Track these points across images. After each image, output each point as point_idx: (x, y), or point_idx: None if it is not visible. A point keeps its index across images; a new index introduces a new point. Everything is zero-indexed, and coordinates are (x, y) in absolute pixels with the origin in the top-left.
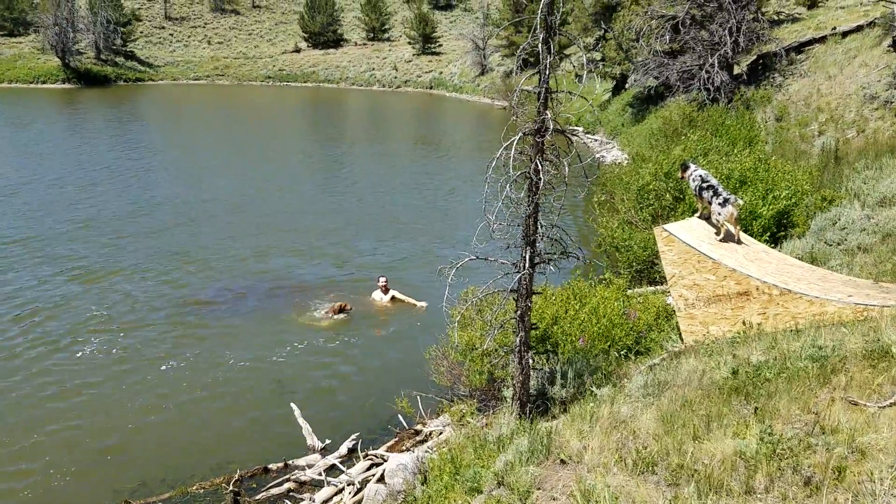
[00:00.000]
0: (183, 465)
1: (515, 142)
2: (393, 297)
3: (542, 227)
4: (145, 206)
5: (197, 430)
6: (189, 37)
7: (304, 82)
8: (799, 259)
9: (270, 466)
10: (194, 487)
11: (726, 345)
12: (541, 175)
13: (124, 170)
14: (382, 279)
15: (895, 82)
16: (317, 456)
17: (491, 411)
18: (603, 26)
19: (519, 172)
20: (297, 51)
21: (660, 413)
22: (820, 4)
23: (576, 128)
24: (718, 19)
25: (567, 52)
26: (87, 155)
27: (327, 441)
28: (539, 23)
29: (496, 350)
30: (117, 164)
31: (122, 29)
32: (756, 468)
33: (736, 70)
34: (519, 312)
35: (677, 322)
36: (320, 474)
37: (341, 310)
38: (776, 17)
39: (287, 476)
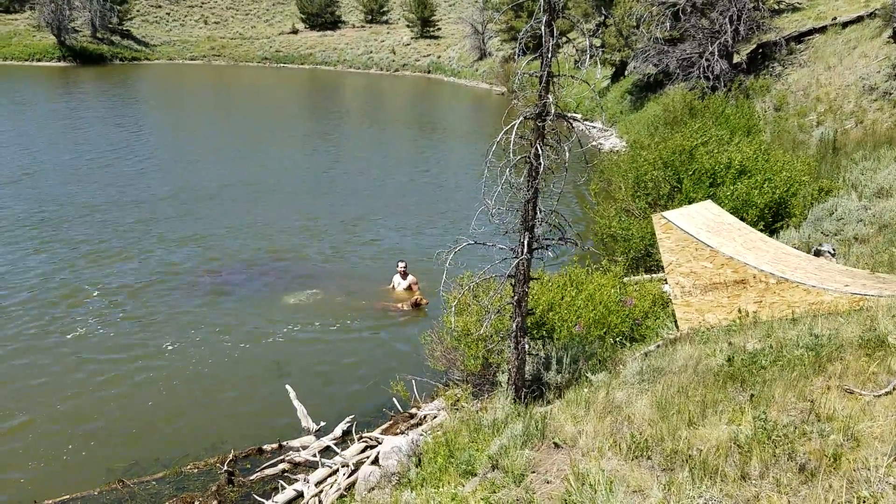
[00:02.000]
0: (177, 445)
1: (516, 126)
2: (410, 285)
3: (541, 212)
4: (146, 187)
5: (192, 409)
6: (186, 16)
7: (301, 64)
8: (796, 248)
9: (265, 447)
10: (188, 467)
11: (722, 332)
12: (541, 160)
13: (125, 151)
14: (402, 263)
15: (894, 74)
16: (311, 437)
17: (486, 396)
18: (603, 12)
19: (519, 157)
20: (295, 32)
21: (655, 399)
22: None
23: (574, 114)
24: (719, 7)
25: (567, 37)
26: (86, 136)
27: (322, 423)
28: (542, 4)
29: (492, 335)
30: (117, 146)
31: (118, 7)
32: (751, 454)
33: (735, 59)
34: (516, 297)
35: (673, 309)
36: (315, 455)
37: (417, 304)
38: (777, 7)
39: (281, 457)
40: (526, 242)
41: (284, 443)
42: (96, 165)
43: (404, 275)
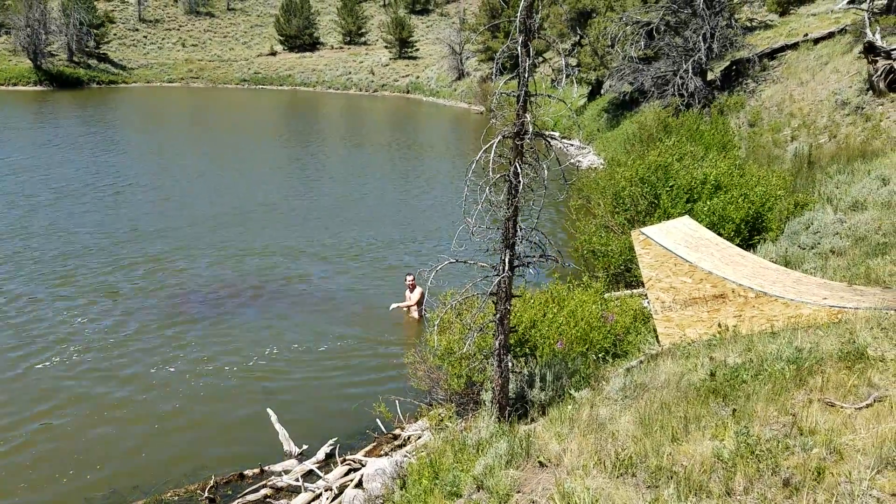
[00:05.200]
0: (157, 472)
1: (495, 145)
2: (422, 294)
3: (521, 230)
4: (126, 209)
5: (171, 434)
6: (163, 39)
7: (280, 85)
8: (773, 262)
9: (246, 472)
10: (168, 494)
11: (703, 347)
12: (520, 178)
13: (105, 174)
14: (409, 277)
15: (866, 88)
16: (293, 461)
17: (470, 415)
18: (578, 32)
19: (498, 175)
20: (273, 54)
21: (638, 415)
22: (792, 11)
23: (552, 132)
24: (692, 25)
25: (544, 57)
26: (63, 160)
27: (304, 446)
28: (518, 25)
29: (475, 354)
30: (98, 168)
31: (94, 31)
32: (735, 469)
33: (710, 76)
34: (498, 315)
35: (654, 325)
36: (297, 480)
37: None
38: (749, 24)
39: (263, 482)
40: (507, 260)
41: (266, 467)
42: (74, 189)
43: (412, 288)
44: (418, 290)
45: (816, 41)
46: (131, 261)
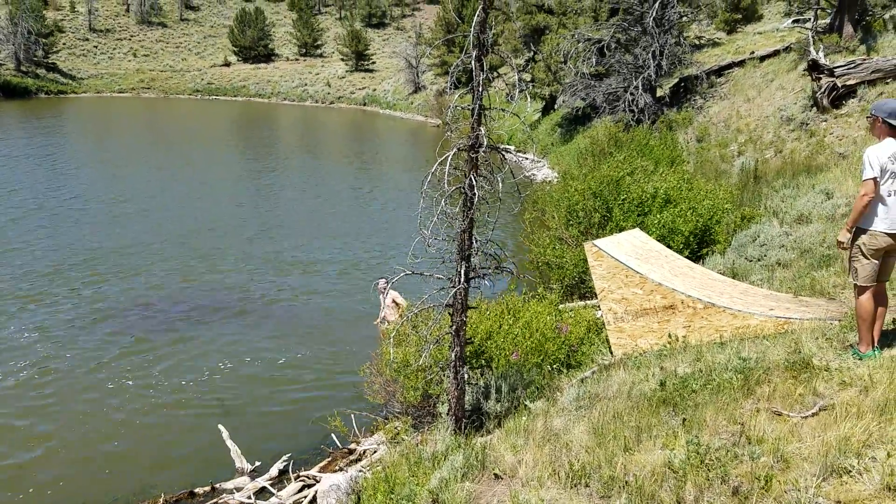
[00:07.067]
0: (104, 489)
1: (450, 158)
2: (394, 300)
3: (476, 242)
4: (80, 224)
5: (119, 451)
6: (114, 49)
7: (234, 96)
8: (721, 274)
9: (196, 490)
10: None
11: (654, 357)
12: (475, 190)
13: (58, 188)
14: (381, 281)
15: (810, 105)
16: (246, 478)
17: (426, 428)
18: (532, 48)
19: (454, 188)
20: (227, 65)
21: (591, 425)
22: (739, 30)
23: (508, 146)
24: (642, 43)
25: (498, 72)
26: (12, 172)
27: (257, 463)
28: (472, 40)
29: (431, 366)
30: (50, 181)
31: (43, 40)
32: (685, 478)
33: (659, 92)
34: (454, 327)
35: (607, 335)
36: (249, 498)
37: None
38: (697, 42)
39: (214, 500)
40: (463, 272)
41: (217, 485)
42: (30, 206)
43: (383, 293)
44: (392, 293)
45: (762, 59)
46: (84, 277)
